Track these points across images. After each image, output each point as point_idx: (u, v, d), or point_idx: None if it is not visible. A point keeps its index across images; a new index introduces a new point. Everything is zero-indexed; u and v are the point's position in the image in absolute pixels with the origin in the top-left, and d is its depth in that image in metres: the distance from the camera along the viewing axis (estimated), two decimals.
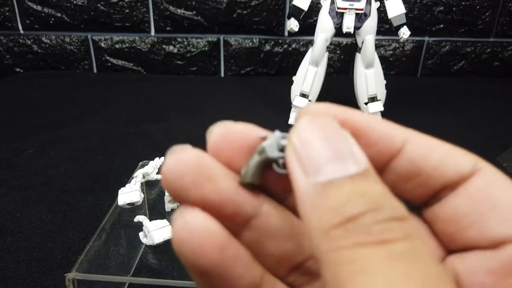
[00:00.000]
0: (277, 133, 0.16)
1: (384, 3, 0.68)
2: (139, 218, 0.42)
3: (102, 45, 0.99)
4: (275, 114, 0.75)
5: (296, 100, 0.70)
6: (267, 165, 0.16)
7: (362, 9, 0.66)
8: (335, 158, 0.13)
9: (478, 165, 0.15)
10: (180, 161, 0.15)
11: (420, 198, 0.16)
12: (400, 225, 0.12)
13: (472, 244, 0.15)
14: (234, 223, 0.15)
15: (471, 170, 0.15)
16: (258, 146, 0.16)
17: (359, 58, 0.70)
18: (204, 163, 0.15)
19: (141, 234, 0.42)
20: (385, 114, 0.71)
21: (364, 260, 0.12)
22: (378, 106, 0.70)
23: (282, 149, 0.16)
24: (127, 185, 0.44)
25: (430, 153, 0.16)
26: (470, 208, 0.15)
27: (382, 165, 0.16)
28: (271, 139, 0.16)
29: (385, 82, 0.71)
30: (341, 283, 0.12)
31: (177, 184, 0.14)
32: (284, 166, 0.16)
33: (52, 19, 0.97)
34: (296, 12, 0.69)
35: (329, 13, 0.68)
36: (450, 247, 0.16)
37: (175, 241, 0.14)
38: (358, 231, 0.12)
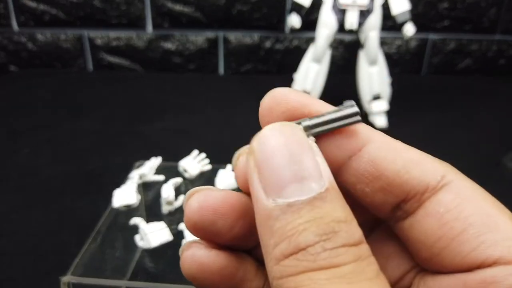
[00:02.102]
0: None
1: None
2: (135, 220, 0.41)
3: (99, 42, 0.98)
4: None
5: None
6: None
7: (365, 6, 0.65)
8: (297, 178, 0.13)
9: (447, 177, 0.14)
10: (210, 205, 0.15)
11: (382, 206, 0.15)
12: (350, 250, 0.13)
13: (445, 269, 0.14)
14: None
15: (439, 181, 0.14)
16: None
17: (362, 56, 0.69)
18: (232, 205, 0.15)
19: (137, 237, 0.41)
20: (390, 113, 0.69)
21: (307, 284, 0.12)
22: (382, 105, 0.69)
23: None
24: (122, 186, 0.44)
25: (394, 156, 0.15)
26: (441, 231, 0.14)
27: (341, 162, 0.15)
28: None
29: (389, 80, 0.70)
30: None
31: (209, 228, 0.15)
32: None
33: (47, 16, 0.95)
34: (297, 8, 0.68)
35: (331, 9, 0.66)
36: (424, 267, 0.15)
37: (183, 269, 0.16)
38: (306, 259, 0.12)
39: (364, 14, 0.66)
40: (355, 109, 0.15)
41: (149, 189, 0.47)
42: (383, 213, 0.16)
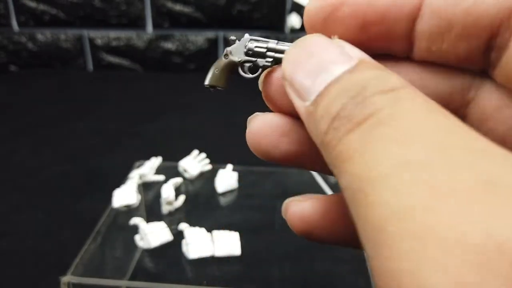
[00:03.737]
0: (246, 36, 0.17)
1: None
2: (135, 220, 0.41)
3: (99, 42, 0.98)
4: None
5: None
6: (232, 68, 0.17)
7: None
8: (321, 69, 0.13)
9: None
10: (255, 128, 0.16)
11: (471, 58, 0.14)
12: (384, 96, 0.12)
13: None
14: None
15: None
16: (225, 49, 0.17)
17: None
18: (274, 124, 0.16)
19: (137, 237, 0.41)
20: None
21: (340, 150, 0.12)
22: None
23: (248, 53, 0.16)
24: (122, 186, 0.44)
25: None
26: None
27: (405, 32, 0.14)
28: (238, 43, 0.17)
29: None
30: (337, 176, 0.12)
31: (259, 147, 0.16)
32: (250, 70, 0.17)
33: (47, 16, 0.95)
34: (297, 8, 0.68)
35: None
36: None
37: (292, 229, 0.16)
38: (341, 125, 0.12)
39: None
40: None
41: (149, 189, 0.47)
42: (478, 64, 0.14)
